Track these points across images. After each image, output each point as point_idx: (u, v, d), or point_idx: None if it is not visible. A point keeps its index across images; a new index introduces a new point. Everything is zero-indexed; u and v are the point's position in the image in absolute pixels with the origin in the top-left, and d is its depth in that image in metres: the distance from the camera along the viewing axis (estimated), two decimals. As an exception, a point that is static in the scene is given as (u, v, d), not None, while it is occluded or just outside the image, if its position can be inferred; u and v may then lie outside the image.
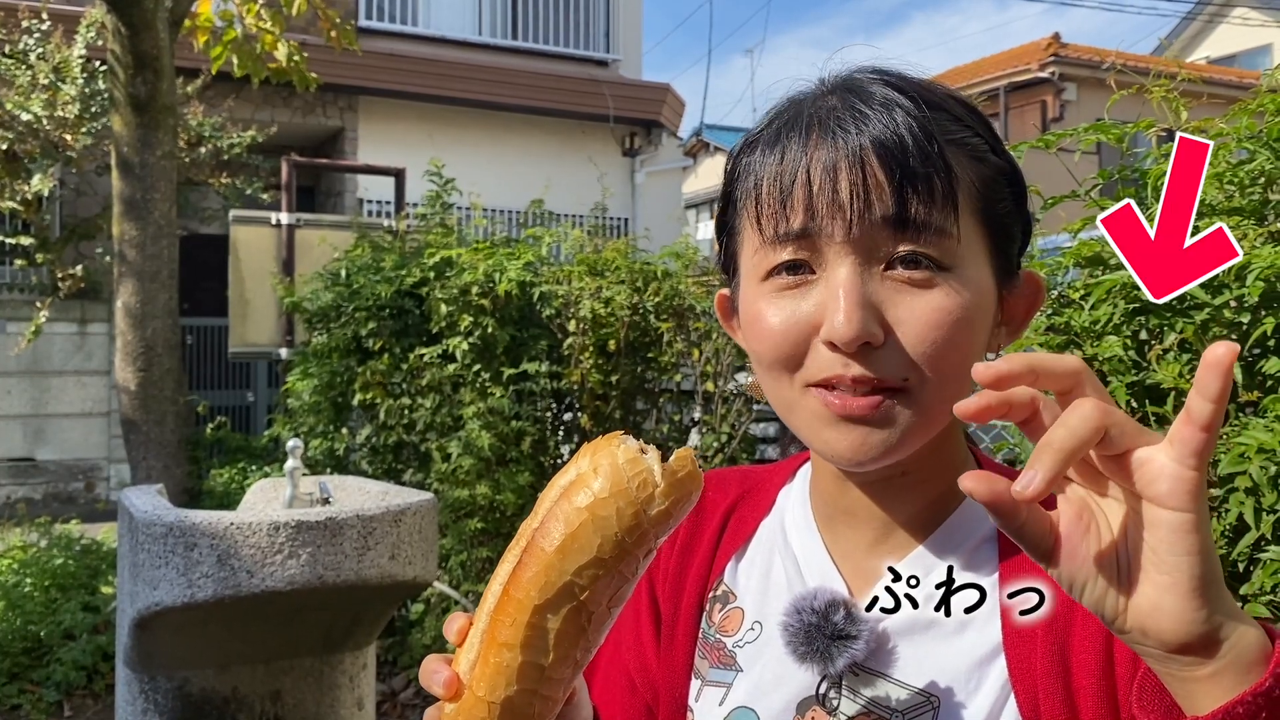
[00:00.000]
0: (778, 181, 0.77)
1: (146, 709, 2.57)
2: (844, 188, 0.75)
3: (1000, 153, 0.81)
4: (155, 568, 2.32)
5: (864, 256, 0.75)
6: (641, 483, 0.68)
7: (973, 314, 0.76)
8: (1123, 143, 1.80)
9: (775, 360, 0.79)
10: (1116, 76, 1.95)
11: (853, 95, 0.78)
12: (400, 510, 2.51)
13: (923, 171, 0.74)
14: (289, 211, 6.51)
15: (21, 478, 9.33)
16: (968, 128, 0.79)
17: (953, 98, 0.81)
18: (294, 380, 5.09)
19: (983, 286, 0.78)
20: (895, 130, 0.75)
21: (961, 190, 0.77)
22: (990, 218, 0.79)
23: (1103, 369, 1.64)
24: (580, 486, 0.69)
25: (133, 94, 5.53)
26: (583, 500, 0.68)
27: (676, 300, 4.18)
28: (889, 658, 0.80)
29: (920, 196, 0.74)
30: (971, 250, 0.77)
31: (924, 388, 0.75)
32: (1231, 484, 1.41)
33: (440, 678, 0.71)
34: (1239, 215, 1.61)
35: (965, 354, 0.76)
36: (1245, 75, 14.87)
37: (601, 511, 0.67)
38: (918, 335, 0.74)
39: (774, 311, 0.78)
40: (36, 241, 8.50)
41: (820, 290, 0.76)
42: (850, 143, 0.75)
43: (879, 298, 0.75)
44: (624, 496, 0.67)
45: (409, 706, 4.13)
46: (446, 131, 10.84)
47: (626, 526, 0.67)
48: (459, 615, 0.74)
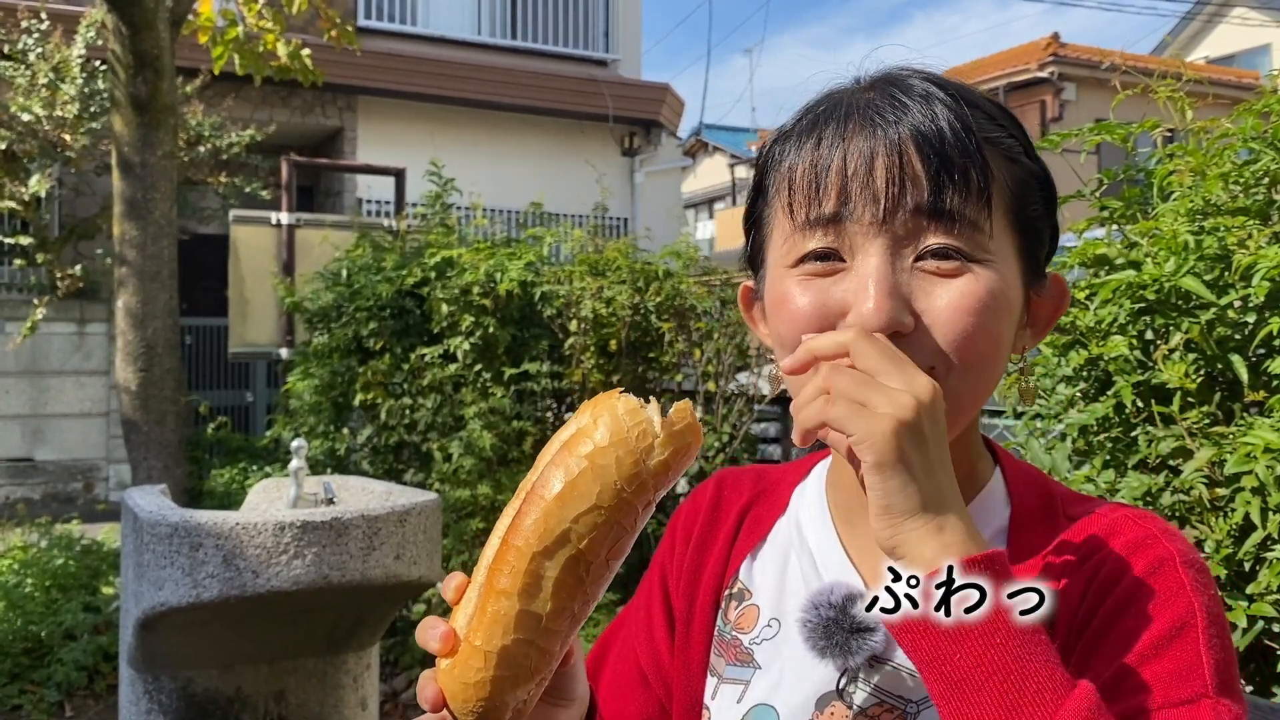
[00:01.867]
0: (813, 167, 0.78)
1: (150, 709, 2.57)
2: (880, 175, 0.75)
3: (1033, 157, 0.82)
4: (160, 568, 2.32)
5: (895, 245, 0.76)
6: (641, 433, 0.69)
7: (1000, 305, 0.77)
8: (1128, 142, 1.81)
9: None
10: (1120, 77, 1.95)
11: (892, 87, 0.79)
12: (405, 510, 2.51)
13: (960, 163, 0.75)
14: (289, 211, 6.51)
15: (20, 478, 9.32)
16: (1003, 128, 0.80)
17: (988, 99, 0.82)
18: (294, 380, 5.09)
19: (1011, 283, 0.78)
20: (934, 121, 0.75)
21: (995, 188, 0.77)
22: (1020, 219, 0.80)
23: (1109, 368, 1.64)
24: (581, 438, 0.70)
25: (133, 93, 5.53)
26: (584, 449, 0.69)
27: (678, 300, 4.18)
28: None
29: (956, 188, 0.75)
30: (1002, 249, 0.78)
31: (951, 375, 0.76)
32: (1238, 483, 1.42)
33: (437, 633, 0.72)
34: (1244, 215, 1.61)
35: (994, 342, 0.77)
36: (1244, 75, 14.89)
37: (601, 460, 0.69)
38: (946, 322, 0.75)
39: (802, 292, 0.78)
40: (35, 241, 8.48)
41: (850, 278, 0.77)
42: (889, 131, 0.76)
43: (909, 287, 0.75)
44: (623, 446, 0.69)
45: (411, 707, 4.13)
46: (445, 131, 10.83)
47: (626, 475, 0.69)
48: (456, 574, 0.74)
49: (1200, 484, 1.46)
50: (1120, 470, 1.61)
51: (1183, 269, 1.53)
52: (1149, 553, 0.74)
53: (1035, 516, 0.81)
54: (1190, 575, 0.73)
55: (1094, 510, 0.80)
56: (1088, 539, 0.77)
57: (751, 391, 4.14)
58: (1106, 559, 0.75)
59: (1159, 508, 1.53)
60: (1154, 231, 1.64)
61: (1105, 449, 1.65)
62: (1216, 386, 1.56)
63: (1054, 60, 14.55)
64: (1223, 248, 1.55)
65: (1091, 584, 0.75)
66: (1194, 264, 1.54)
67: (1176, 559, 0.74)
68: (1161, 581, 0.73)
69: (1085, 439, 1.69)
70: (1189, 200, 1.65)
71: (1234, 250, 1.54)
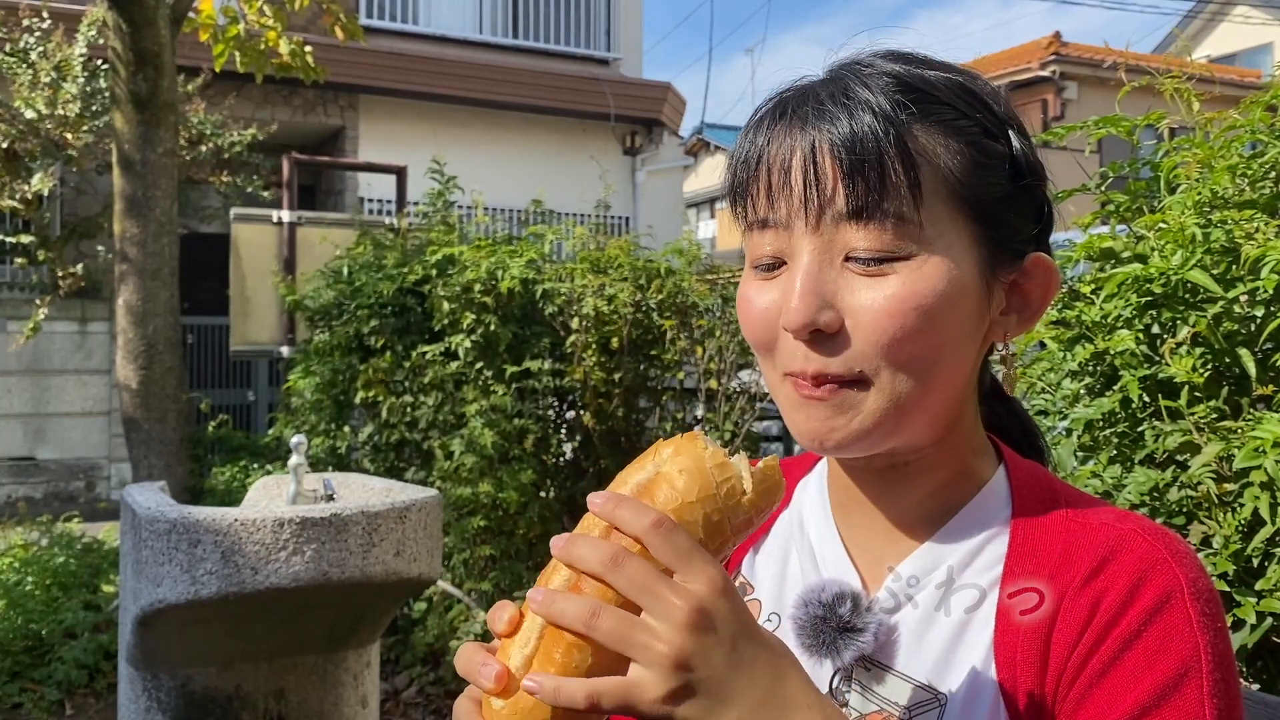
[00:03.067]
0: (745, 168, 0.80)
1: (149, 707, 2.55)
2: (798, 180, 0.76)
3: (998, 137, 0.79)
4: (159, 565, 2.31)
5: (823, 246, 0.76)
6: (730, 489, 0.66)
7: (937, 301, 0.75)
8: (1133, 136, 1.80)
9: (756, 344, 0.82)
10: (1125, 71, 1.94)
11: (831, 85, 0.78)
12: (405, 507, 2.50)
13: (873, 158, 0.74)
14: (290, 209, 6.50)
15: (22, 477, 9.32)
16: (958, 111, 0.78)
17: (949, 79, 0.79)
18: (295, 378, 5.08)
19: (956, 274, 0.76)
20: (851, 117, 0.75)
21: (931, 176, 0.75)
22: (974, 202, 0.77)
23: (1115, 362, 1.63)
24: (662, 485, 0.66)
25: (134, 91, 5.52)
26: (667, 499, 0.66)
27: (679, 298, 4.17)
28: (897, 652, 0.79)
29: (870, 185, 0.74)
30: (943, 237, 0.76)
31: (880, 374, 0.75)
32: (1246, 478, 1.40)
33: (490, 671, 0.65)
34: (1252, 209, 1.60)
35: (931, 342, 0.75)
36: (1245, 74, 14.87)
37: (688, 516, 0.65)
38: (871, 325, 0.74)
39: (755, 296, 0.81)
40: (37, 240, 8.48)
41: (786, 279, 0.78)
42: (808, 134, 0.76)
43: (835, 286, 0.75)
44: (711, 502, 0.66)
45: (411, 705, 4.12)
46: (447, 130, 10.83)
47: (710, 532, 0.66)
48: (507, 604, 0.69)
49: (1208, 479, 1.45)
50: (1127, 465, 1.60)
51: (1190, 262, 1.52)
52: (1158, 581, 0.73)
53: (1038, 516, 0.80)
54: (1198, 610, 0.72)
55: (1102, 516, 0.78)
56: (1096, 549, 0.75)
57: (754, 389, 4.13)
58: (1116, 579, 0.73)
59: (1166, 503, 1.52)
60: (1161, 225, 1.63)
61: (1111, 444, 1.63)
62: (1224, 381, 1.55)
63: (1055, 59, 14.54)
64: (1230, 241, 1.54)
65: (1100, 603, 0.73)
66: (1201, 257, 1.53)
67: (1185, 590, 0.72)
68: (1169, 618, 0.71)
69: (1091, 434, 1.67)
70: (1196, 193, 1.64)
71: (1242, 243, 1.53)
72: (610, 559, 0.62)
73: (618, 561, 0.62)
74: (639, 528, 0.63)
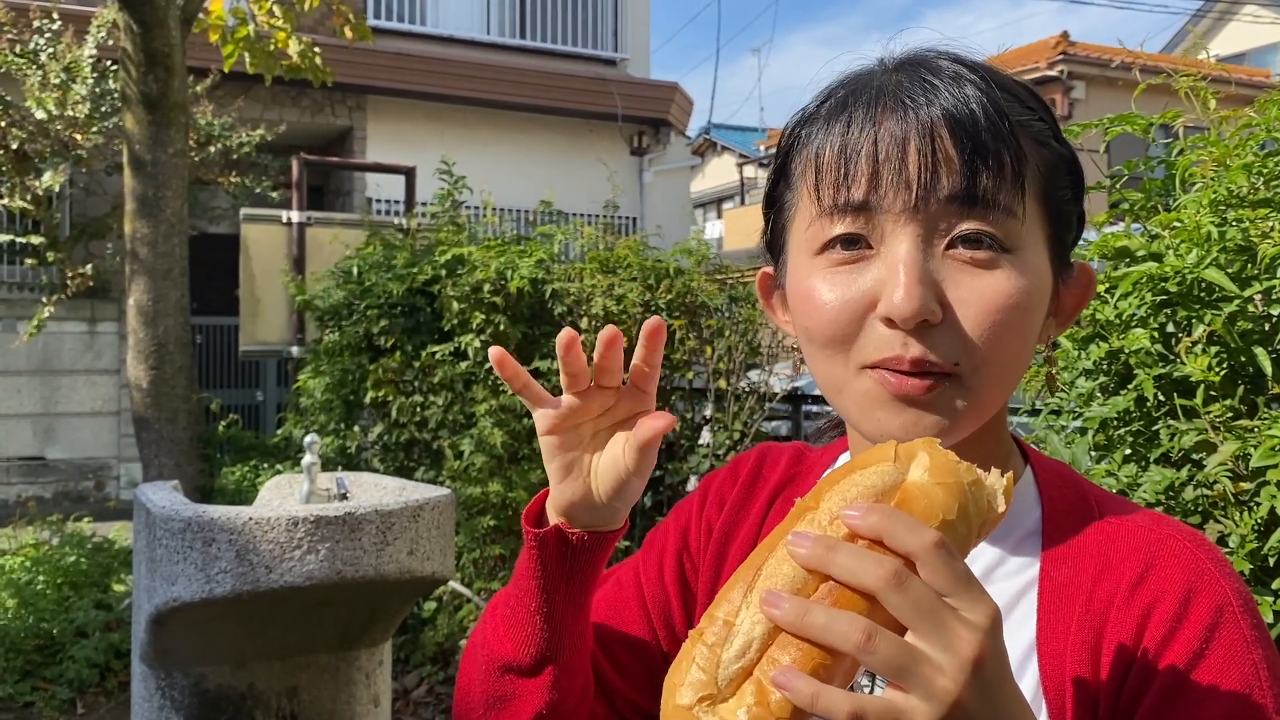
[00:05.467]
0: (842, 151, 0.75)
1: (163, 705, 2.56)
2: (912, 160, 0.73)
3: (1061, 141, 0.80)
4: (173, 563, 2.32)
5: (926, 232, 0.73)
6: (981, 507, 0.62)
7: (1032, 299, 0.75)
8: (1148, 133, 1.79)
9: (829, 338, 0.76)
10: (1139, 70, 1.93)
11: (921, 69, 0.77)
12: (419, 505, 2.50)
13: (994, 147, 0.73)
14: (300, 209, 6.51)
15: (32, 476, 9.35)
16: (1032, 111, 0.78)
17: (1017, 81, 0.80)
18: (305, 378, 5.10)
19: (1042, 273, 0.77)
20: (966, 104, 0.73)
21: (1028, 172, 0.75)
22: (1051, 204, 0.78)
23: (1130, 361, 1.63)
24: (919, 497, 0.61)
25: (144, 91, 5.53)
26: (926, 515, 0.60)
27: (689, 298, 4.17)
28: None
29: (990, 173, 0.72)
30: (1033, 235, 0.76)
31: (977, 373, 0.74)
32: (1263, 477, 1.40)
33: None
34: (1267, 207, 1.59)
35: (1021, 340, 0.75)
36: (1255, 73, 14.82)
37: (948, 534, 0.60)
38: (977, 316, 0.73)
39: (828, 287, 0.76)
40: (46, 240, 8.51)
41: (878, 266, 0.74)
42: (921, 115, 0.73)
43: (939, 275, 0.73)
44: (967, 522, 0.61)
45: (421, 704, 4.12)
46: (454, 131, 10.84)
47: (961, 549, 0.62)
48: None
49: (1224, 478, 1.45)
50: (1142, 464, 1.60)
51: (1205, 261, 1.52)
52: (1209, 596, 0.72)
53: (1069, 517, 0.79)
54: (1249, 623, 0.72)
55: (1137, 519, 0.78)
56: (1138, 554, 0.75)
57: (763, 389, 4.13)
58: (1166, 589, 0.72)
59: (1181, 502, 1.52)
60: (1176, 223, 1.62)
61: (1126, 443, 1.63)
62: (1240, 380, 1.54)
63: (1063, 59, 14.50)
64: (1246, 239, 1.54)
65: (1151, 615, 0.72)
66: (1216, 255, 1.52)
67: (1235, 605, 0.72)
68: (1226, 636, 0.71)
69: (1105, 433, 1.67)
70: (1212, 191, 1.64)
71: (1257, 242, 1.52)
72: (893, 577, 0.56)
73: (900, 581, 0.56)
74: (916, 545, 0.57)
